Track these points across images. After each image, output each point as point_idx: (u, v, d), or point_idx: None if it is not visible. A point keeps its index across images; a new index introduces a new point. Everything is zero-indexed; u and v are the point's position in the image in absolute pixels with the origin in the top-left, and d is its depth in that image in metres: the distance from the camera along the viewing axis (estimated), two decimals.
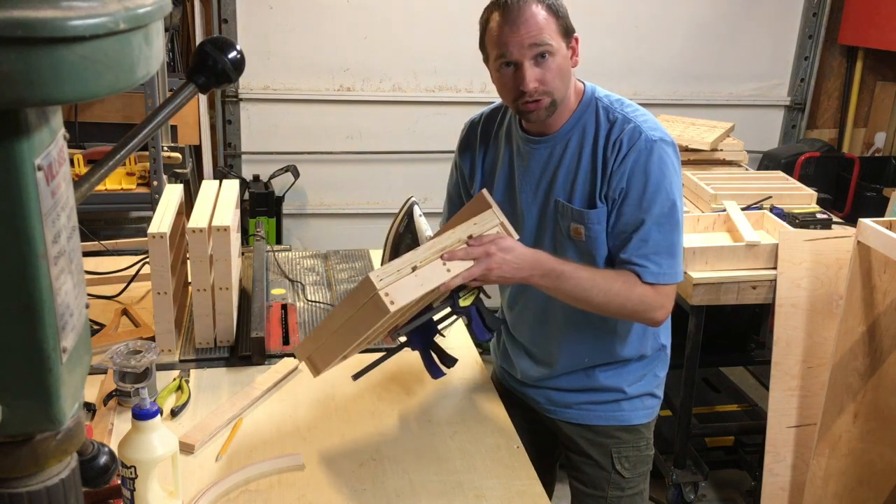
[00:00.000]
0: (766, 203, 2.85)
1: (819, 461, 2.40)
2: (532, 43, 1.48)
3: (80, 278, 0.77)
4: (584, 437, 1.78)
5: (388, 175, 3.94)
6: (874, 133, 4.28)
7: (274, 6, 3.65)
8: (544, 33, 1.49)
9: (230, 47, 0.95)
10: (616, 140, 1.55)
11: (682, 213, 1.59)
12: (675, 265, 1.58)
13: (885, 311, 2.29)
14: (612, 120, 1.57)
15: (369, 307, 1.34)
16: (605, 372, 1.73)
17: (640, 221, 1.54)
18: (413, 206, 2.24)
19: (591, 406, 1.76)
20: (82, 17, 0.58)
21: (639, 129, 1.54)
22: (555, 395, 1.78)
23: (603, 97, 1.61)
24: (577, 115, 1.60)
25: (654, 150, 1.53)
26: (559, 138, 1.61)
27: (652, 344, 1.74)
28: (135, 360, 1.61)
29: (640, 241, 1.55)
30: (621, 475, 1.77)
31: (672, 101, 4.06)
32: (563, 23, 1.52)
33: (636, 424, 1.77)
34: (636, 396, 1.75)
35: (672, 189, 1.55)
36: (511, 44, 1.49)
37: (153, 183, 2.91)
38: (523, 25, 1.48)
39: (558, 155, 1.61)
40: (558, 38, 1.51)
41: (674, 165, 1.57)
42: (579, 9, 3.86)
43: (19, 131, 0.64)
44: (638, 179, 1.53)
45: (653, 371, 1.77)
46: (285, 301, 2.12)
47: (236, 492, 1.43)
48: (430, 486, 1.46)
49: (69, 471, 0.79)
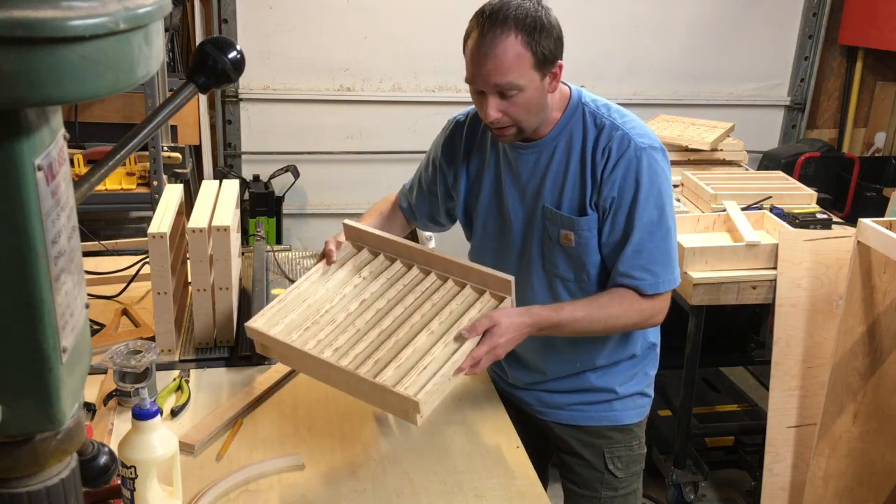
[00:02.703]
0: (766, 203, 2.85)
1: (819, 461, 2.40)
2: (496, 82, 1.46)
3: (80, 278, 0.77)
4: (577, 438, 1.78)
5: (388, 175, 3.94)
6: (874, 133, 4.28)
7: (274, 6, 3.65)
8: (511, 74, 1.44)
9: (230, 47, 0.95)
10: (605, 148, 1.54)
11: (673, 217, 1.59)
12: (671, 271, 1.59)
13: (885, 311, 2.29)
14: (600, 126, 1.56)
15: (392, 404, 1.39)
16: (597, 373, 1.73)
17: (633, 232, 1.54)
18: None
19: (583, 407, 1.76)
20: (82, 17, 0.58)
21: (627, 137, 1.53)
22: (546, 396, 1.78)
23: (589, 102, 1.59)
24: (564, 121, 1.59)
25: (643, 158, 1.53)
26: (546, 144, 1.60)
27: (642, 343, 1.74)
28: (135, 360, 1.61)
29: (635, 253, 1.55)
30: (614, 475, 1.77)
31: (672, 101, 4.06)
32: (541, 55, 1.45)
33: (628, 424, 1.77)
34: (627, 396, 1.75)
35: (662, 196, 1.55)
36: (477, 75, 1.47)
37: (153, 183, 2.91)
38: (491, 61, 1.43)
39: (545, 161, 1.60)
40: (531, 72, 1.45)
41: (664, 172, 1.56)
42: (580, 9, 3.89)
43: (19, 131, 0.64)
44: (629, 189, 1.53)
45: (643, 370, 1.77)
46: None
47: (236, 492, 1.43)
48: (430, 486, 1.46)
49: (69, 471, 0.79)
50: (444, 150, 1.77)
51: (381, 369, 1.39)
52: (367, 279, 1.61)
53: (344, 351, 1.44)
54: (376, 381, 1.35)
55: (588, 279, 1.63)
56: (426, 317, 1.50)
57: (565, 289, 1.65)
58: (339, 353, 1.43)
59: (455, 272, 1.57)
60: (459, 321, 1.48)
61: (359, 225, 1.68)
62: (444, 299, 1.54)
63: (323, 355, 1.42)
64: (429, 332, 1.45)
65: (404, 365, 1.39)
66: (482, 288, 1.54)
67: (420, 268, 1.61)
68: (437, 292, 1.56)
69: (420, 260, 1.61)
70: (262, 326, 1.51)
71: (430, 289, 1.57)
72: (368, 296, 1.56)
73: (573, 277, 1.63)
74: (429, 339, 1.44)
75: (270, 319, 1.52)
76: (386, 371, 1.38)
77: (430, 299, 1.54)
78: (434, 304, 1.53)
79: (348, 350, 1.44)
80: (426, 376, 1.37)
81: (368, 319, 1.51)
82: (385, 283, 1.59)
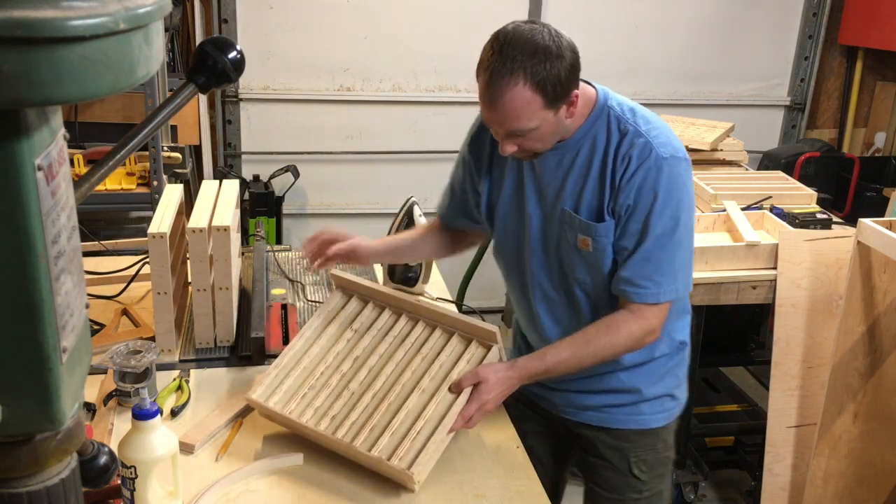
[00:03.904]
0: (766, 203, 2.85)
1: (819, 461, 2.40)
2: (506, 129, 1.46)
3: (80, 278, 0.77)
4: (602, 441, 1.76)
5: (388, 175, 3.94)
6: (874, 133, 4.28)
7: (274, 6, 3.65)
8: (521, 121, 1.43)
9: (230, 47, 0.95)
10: (625, 155, 1.51)
11: (689, 229, 1.56)
12: (674, 281, 1.56)
13: (885, 311, 2.29)
14: (623, 131, 1.53)
15: (389, 472, 1.45)
16: (626, 372, 1.70)
17: (644, 239, 1.52)
18: (413, 206, 2.25)
19: (611, 409, 1.73)
20: (82, 17, 0.58)
21: (650, 146, 1.50)
22: (575, 397, 1.76)
23: (615, 106, 1.56)
24: (590, 123, 1.55)
25: (663, 168, 1.49)
26: (570, 146, 1.57)
27: (668, 342, 1.71)
28: (135, 360, 1.61)
29: (643, 261, 1.53)
30: (638, 478, 1.75)
31: (672, 101, 4.06)
32: (552, 94, 1.42)
33: (654, 428, 1.75)
34: (656, 398, 1.73)
35: (679, 208, 1.52)
36: (489, 118, 1.48)
37: (153, 183, 2.91)
38: (500, 109, 1.43)
39: (568, 163, 1.58)
40: (542, 112, 1.43)
41: (684, 183, 1.53)
42: (580, 9, 3.89)
43: (19, 131, 0.64)
44: (646, 198, 1.50)
45: (673, 371, 1.74)
46: (285, 301, 2.12)
47: (236, 492, 1.43)
48: (430, 486, 1.46)
49: (69, 471, 0.79)
50: (470, 146, 1.76)
51: (376, 438, 1.46)
52: (359, 332, 1.67)
53: (340, 420, 1.52)
54: (371, 454, 1.43)
55: (604, 283, 1.61)
56: (416, 373, 1.57)
57: (582, 291, 1.64)
58: (335, 423, 1.51)
59: (442, 321, 1.63)
60: (449, 375, 1.54)
61: (347, 275, 1.74)
62: (433, 351, 1.60)
63: (320, 427, 1.50)
64: (420, 390, 1.53)
65: (398, 431, 1.47)
66: (469, 336, 1.59)
67: (409, 316, 1.66)
68: (426, 343, 1.61)
69: (408, 308, 1.67)
70: (261, 396, 1.58)
71: (418, 340, 1.63)
72: (360, 352, 1.63)
73: (589, 281, 1.62)
74: (420, 399, 1.52)
75: (268, 388, 1.59)
76: (381, 440, 1.46)
77: (420, 352, 1.60)
78: (424, 357, 1.59)
79: (343, 419, 1.51)
80: (420, 442, 1.45)
81: (362, 380, 1.58)
82: (376, 336, 1.65)
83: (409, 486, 1.43)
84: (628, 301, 1.57)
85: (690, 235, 1.58)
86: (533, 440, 1.88)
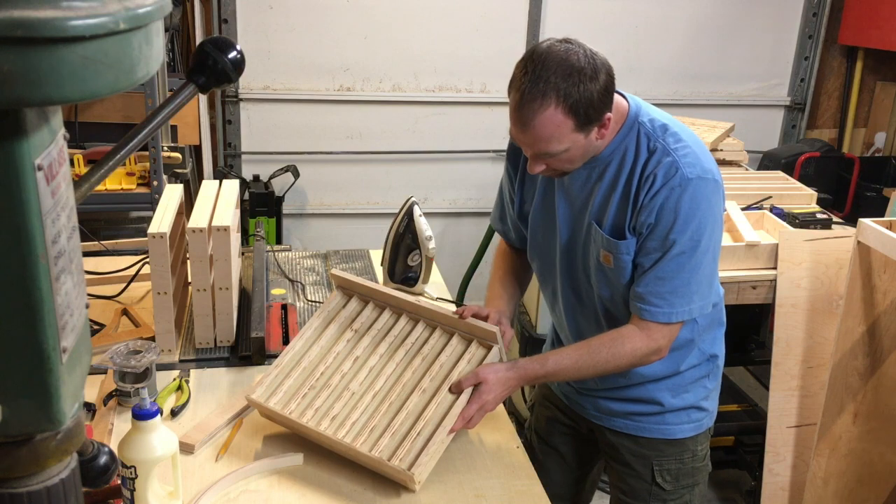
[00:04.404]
0: (766, 203, 2.85)
1: (819, 461, 2.40)
2: (536, 151, 1.45)
3: (80, 278, 0.77)
4: (627, 448, 1.76)
5: (388, 175, 3.94)
6: (874, 133, 4.28)
7: (274, 6, 3.65)
8: (552, 143, 1.42)
9: (230, 47, 0.95)
10: (651, 174, 1.48)
11: (711, 251, 1.52)
12: (688, 303, 1.53)
13: (885, 311, 2.30)
14: (652, 149, 1.50)
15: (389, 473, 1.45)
16: (653, 384, 1.69)
17: (662, 258, 1.50)
18: (413, 206, 2.25)
19: (636, 417, 1.73)
20: (82, 17, 0.58)
21: (676, 166, 1.47)
22: (602, 403, 1.76)
23: (647, 122, 1.53)
24: (620, 138, 1.53)
25: (687, 188, 1.46)
26: (600, 160, 1.54)
27: (698, 354, 1.70)
28: (135, 360, 1.61)
29: (658, 279, 1.51)
30: (662, 488, 1.74)
31: (672, 101, 4.06)
32: (584, 117, 1.40)
33: (681, 438, 1.73)
34: (682, 409, 1.71)
35: (701, 229, 1.48)
36: (518, 138, 1.47)
37: (153, 183, 2.91)
38: (531, 131, 1.41)
39: (596, 177, 1.56)
40: (573, 135, 1.42)
41: (709, 204, 1.49)
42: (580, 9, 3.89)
43: (19, 131, 0.64)
44: (666, 217, 1.48)
45: (701, 382, 1.72)
46: (285, 301, 2.12)
47: (236, 492, 1.43)
48: (430, 486, 1.46)
49: (69, 471, 0.79)
50: (509, 154, 1.75)
51: (377, 438, 1.47)
52: (359, 332, 1.66)
53: (340, 420, 1.51)
54: (372, 455, 1.43)
55: (624, 300, 1.59)
56: (417, 373, 1.56)
57: (603, 306, 1.64)
58: (336, 423, 1.51)
59: (442, 322, 1.63)
60: (449, 376, 1.54)
61: (347, 275, 1.73)
62: (433, 351, 1.59)
63: (321, 428, 1.50)
64: (420, 391, 1.52)
65: (399, 431, 1.47)
66: (469, 337, 1.59)
67: (409, 316, 1.66)
68: (426, 344, 1.61)
69: (408, 308, 1.66)
70: (261, 397, 1.57)
71: (419, 340, 1.63)
72: (361, 352, 1.63)
73: (609, 296, 1.61)
74: (421, 400, 1.51)
75: (268, 388, 1.59)
76: (382, 440, 1.46)
77: (420, 352, 1.60)
78: (424, 357, 1.59)
79: (344, 419, 1.51)
80: (420, 443, 1.45)
81: (362, 381, 1.57)
82: (376, 337, 1.64)
83: (409, 487, 1.43)
84: (639, 317, 1.55)
85: (713, 258, 1.55)
86: (559, 439, 1.89)
